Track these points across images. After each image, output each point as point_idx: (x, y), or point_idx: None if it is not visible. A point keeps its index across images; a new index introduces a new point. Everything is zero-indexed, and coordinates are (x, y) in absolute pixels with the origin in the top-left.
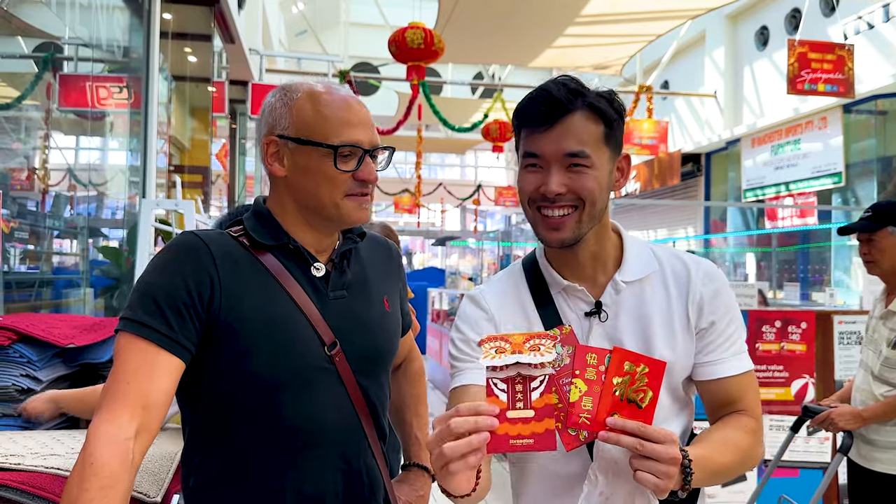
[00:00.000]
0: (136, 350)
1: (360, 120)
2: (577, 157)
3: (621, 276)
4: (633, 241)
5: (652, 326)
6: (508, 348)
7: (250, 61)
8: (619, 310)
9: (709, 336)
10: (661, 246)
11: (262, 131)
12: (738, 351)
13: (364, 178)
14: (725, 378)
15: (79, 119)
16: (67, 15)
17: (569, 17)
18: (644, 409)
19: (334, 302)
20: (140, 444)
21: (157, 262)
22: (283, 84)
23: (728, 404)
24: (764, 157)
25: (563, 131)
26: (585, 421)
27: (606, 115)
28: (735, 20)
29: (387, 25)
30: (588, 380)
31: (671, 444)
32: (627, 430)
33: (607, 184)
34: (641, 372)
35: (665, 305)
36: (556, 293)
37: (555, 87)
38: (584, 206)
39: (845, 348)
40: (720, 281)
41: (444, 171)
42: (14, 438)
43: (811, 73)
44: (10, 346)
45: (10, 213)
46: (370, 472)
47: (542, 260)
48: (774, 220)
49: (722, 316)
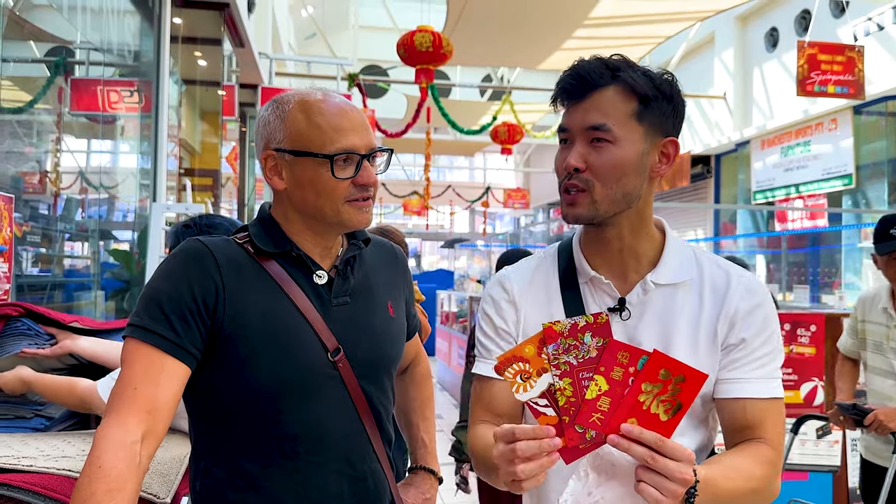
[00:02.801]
0: (143, 356)
1: (354, 125)
2: (599, 131)
3: (653, 276)
4: (676, 243)
5: (675, 334)
6: (531, 370)
7: (260, 65)
8: (643, 311)
9: (737, 353)
10: (708, 253)
11: (259, 146)
12: (768, 375)
13: (364, 183)
14: (746, 399)
15: (90, 123)
16: (79, 20)
17: (578, 19)
18: (667, 422)
19: (337, 308)
20: (147, 447)
21: (163, 269)
22: (275, 97)
23: (746, 429)
24: (774, 159)
25: (590, 105)
26: (597, 421)
27: (641, 91)
28: (744, 22)
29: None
30: (612, 379)
31: (686, 464)
32: (644, 441)
33: (637, 164)
34: (677, 381)
35: (694, 315)
36: (583, 282)
37: (589, 62)
38: (603, 183)
39: None
40: (761, 297)
41: (452, 174)
42: (26, 441)
43: (821, 74)
44: (19, 318)
45: (22, 216)
46: (375, 476)
47: (576, 246)
48: (784, 223)
49: (755, 334)
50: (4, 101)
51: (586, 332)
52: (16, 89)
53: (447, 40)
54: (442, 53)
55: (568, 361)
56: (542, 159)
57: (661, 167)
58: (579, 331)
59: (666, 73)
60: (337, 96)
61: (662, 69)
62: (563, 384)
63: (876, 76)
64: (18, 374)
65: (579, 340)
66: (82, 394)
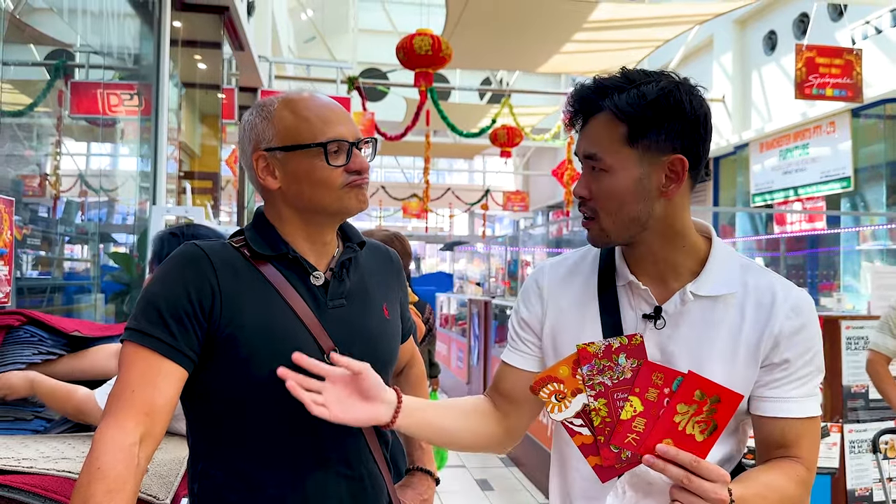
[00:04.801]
0: (140, 359)
1: (339, 117)
2: (592, 160)
3: (694, 287)
4: (723, 254)
5: (711, 348)
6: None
7: (260, 68)
8: (680, 321)
9: (779, 372)
10: (756, 264)
11: (248, 150)
12: (807, 394)
13: (357, 169)
14: (784, 419)
15: (90, 126)
16: (79, 23)
17: (576, 22)
18: (702, 442)
19: (333, 311)
20: (145, 449)
21: (160, 273)
22: (255, 102)
23: (781, 447)
24: (772, 162)
25: (586, 132)
26: (633, 442)
27: (628, 114)
28: (743, 25)
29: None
30: (647, 400)
31: (721, 486)
32: (679, 462)
33: (636, 190)
34: (712, 402)
35: (735, 330)
36: (620, 286)
37: (583, 88)
38: (606, 212)
39: (853, 353)
40: (807, 316)
41: (452, 177)
42: (26, 443)
43: (819, 77)
44: (20, 328)
45: (22, 219)
46: (373, 477)
47: (619, 249)
48: (783, 225)
49: (799, 354)
50: (5, 105)
51: (621, 353)
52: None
53: (446, 43)
54: (441, 57)
55: (602, 382)
56: (542, 162)
57: (670, 186)
58: (614, 352)
59: (674, 85)
60: (317, 94)
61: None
62: (598, 405)
63: (874, 79)
64: (25, 375)
65: (614, 361)
66: (79, 403)
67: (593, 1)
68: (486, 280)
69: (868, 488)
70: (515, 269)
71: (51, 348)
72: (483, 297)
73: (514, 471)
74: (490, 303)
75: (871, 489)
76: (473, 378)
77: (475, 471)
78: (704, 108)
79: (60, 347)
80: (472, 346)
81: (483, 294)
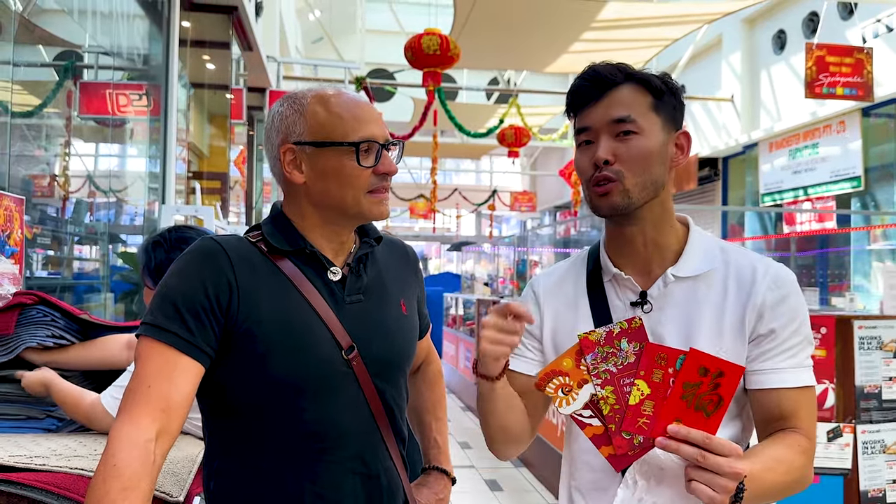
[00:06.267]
0: (157, 354)
1: (371, 116)
2: (625, 123)
3: (674, 270)
4: (700, 236)
5: (698, 324)
6: (571, 383)
7: (268, 68)
8: (665, 303)
9: (767, 343)
10: (735, 245)
11: (275, 142)
12: (799, 364)
13: (385, 171)
14: (779, 389)
15: (99, 126)
16: (88, 23)
17: (585, 22)
18: (710, 418)
19: (351, 306)
20: (161, 446)
21: (177, 268)
22: (287, 94)
23: (780, 419)
24: (782, 162)
25: (609, 102)
26: (643, 426)
27: (654, 86)
28: (752, 24)
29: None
30: (653, 382)
31: (735, 459)
32: (691, 440)
33: (660, 154)
34: (716, 377)
35: (718, 305)
36: (606, 281)
37: (601, 64)
38: (633, 172)
39: (866, 353)
40: (789, 287)
41: (459, 177)
42: (38, 441)
43: (829, 76)
44: (33, 307)
45: (31, 219)
46: (389, 475)
47: (602, 247)
48: (793, 225)
49: (785, 324)
50: (15, 105)
51: (622, 338)
52: (26, 93)
53: (454, 43)
54: (449, 56)
55: (607, 370)
56: (549, 162)
57: (679, 157)
58: (615, 338)
59: (664, 73)
60: (348, 91)
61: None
62: (606, 393)
63: (885, 78)
64: (42, 375)
65: (616, 347)
66: (87, 409)
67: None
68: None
69: (881, 489)
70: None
71: (63, 331)
72: (492, 297)
73: (523, 471)
74: (498, 303)
75: (884, 490)
76: None
77: (484, 471)
78: None
79: (72, 333)
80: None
81: (491, 294)
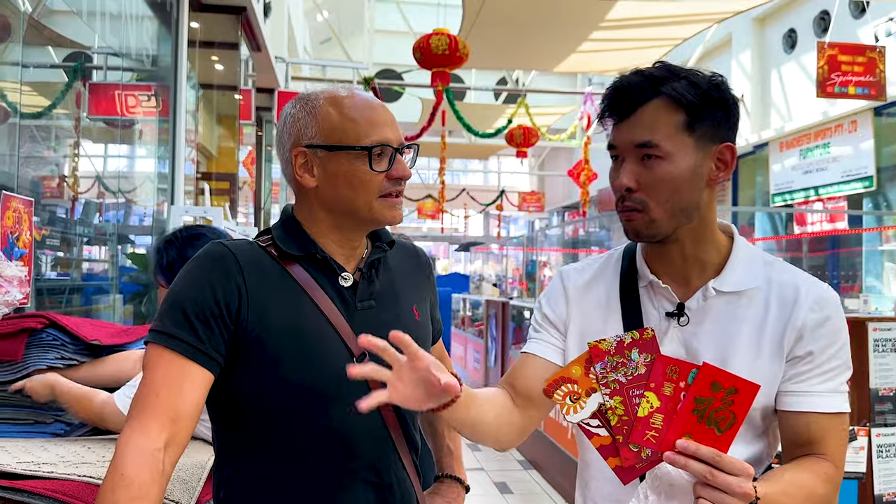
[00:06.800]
0: (165, 361)
1: (386, 119)
2: (647, 148)
3: (716, 283)
4: (744, 249)
5: (735, 342)
6: (580, 391)
7: (276, 69)
8: (703, 318)
9: (803, 365)
10: (779, 260)
11: (287, 144)
12: (834, 389)
13: (399, 176)
14: (809, 413)
15: (108, 127)
16: (97, 24)
17: (594, 21)
18: (722, 435)
19: (362, 312)
20: (170, 455)
21: (186, 273)
22: (299, 94)
23: (807, 444)
24: (792, 162)
25: (635, 122)
26: (651, 439)
27: (687, 102)
28: (762, 23)
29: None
30: (664, 395)
31: (745, 479)
32: (700, 457)
33: (691, 178)
34: (729, 394)
35: (758, 324)
36: (642, 287)
37: (630, 77)
38: (657, 201)
39: (881, 356)
40: (831, 310)
41: (467, 177)
42: (46, 447)
43: (841, 75)
44: (42, 330)
45: (41, 220)
46: (401, 484)
47: (639, 250)
48: (804, 225)
49: (824, 347)
50: (24, 106)
51: (633, 348)
52: (35, 94)
53: (464, 43)
54: (458, 56)
55: (617, 379)
56: (557, 162)
57: (718, 175)
58: (626, 347)
59: (714, 76)
60: (363, 92)
61: (711, 72)
62: (614, 403)
63: None
64: (46, 379)
65: (627, 357)
66: (98, 408)
67: None
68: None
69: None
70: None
71: (73, 354)
72: (500, 299)
73: (532, 474)
74: (508, 304)
75: None
76: (490, 380)
77: (494, 473)
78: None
79: (82, 353)
80: (489, 348)
81: (499, 295)
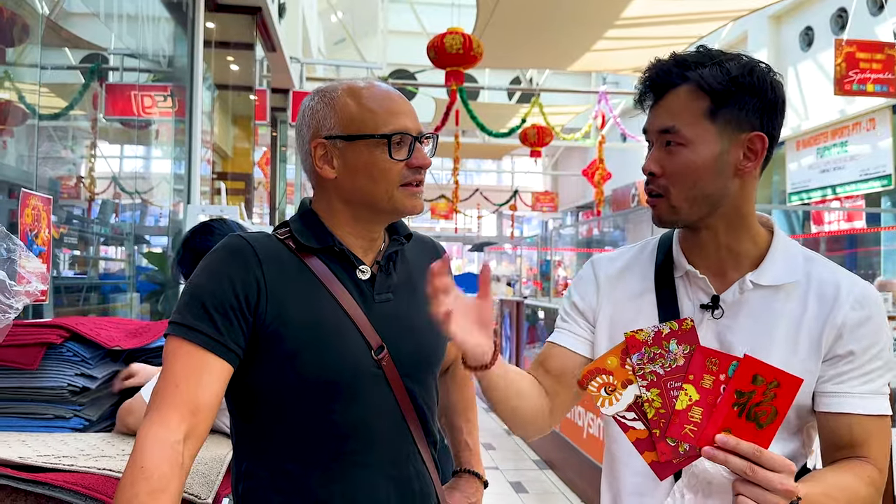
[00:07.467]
0: (185, 353)
1: (404, 109)
2: (669, 134)
3: (754, 276)
4: (784, 243)
5: (771, 337)
6: (615, 382)
7: (291, 69)
8: (739, 311)
9: (843, 365)
10: (820, 257)
11: (306, 136)
12: (876, 390)
13: (419, 164)
14: (849, 415)
15: (124, 128)
16: (114, 25)
17: (609, 19)
18: (763, 430)
19: (380, 305)
20: (189, 447)
21: (205, 266)
22: (317, 88)
23: (848, 447)
24: (809, 160)
25: (662, 107)
26: (690, 433)
27: (712, 88)
28: (778, 21)
29: (424, 32)
30: (703, 388)
31: (787, 476)
32: (741, 452)
33: (714, 165)
34: (771, 387)
35: (796, 320)
36: (678, 277)
37: (661, 62)
38: (678, 188)
39: None
40: (873, 308)
41: (480, 177)
42: (66, 441)
43: (859, 73)
44: (62, 345)
45: (58, 219)
46: (420, 478)
47: (676, 239)
48: (821, 224)
49: (866, 347)
50: (42, 108)
51: (671, 339)
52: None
53: (478, 42)
54: (472, 55)
55: (654, 371)
56: (571, 162)
57: (747, 164)
58: (664, 338)
59: (752, 61)
60: (381, 83)
61: (750, 57)
62: (651, 395)
63: None
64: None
65: (664, 349)
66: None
67: None
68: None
69: None
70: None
71: (92, 369)
72: (515, 298)
73: (548, 473)
74: (522, 304)
75: None
76: None
77: (509, 472)
78: (783, 93)
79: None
80: (503, 347)
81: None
